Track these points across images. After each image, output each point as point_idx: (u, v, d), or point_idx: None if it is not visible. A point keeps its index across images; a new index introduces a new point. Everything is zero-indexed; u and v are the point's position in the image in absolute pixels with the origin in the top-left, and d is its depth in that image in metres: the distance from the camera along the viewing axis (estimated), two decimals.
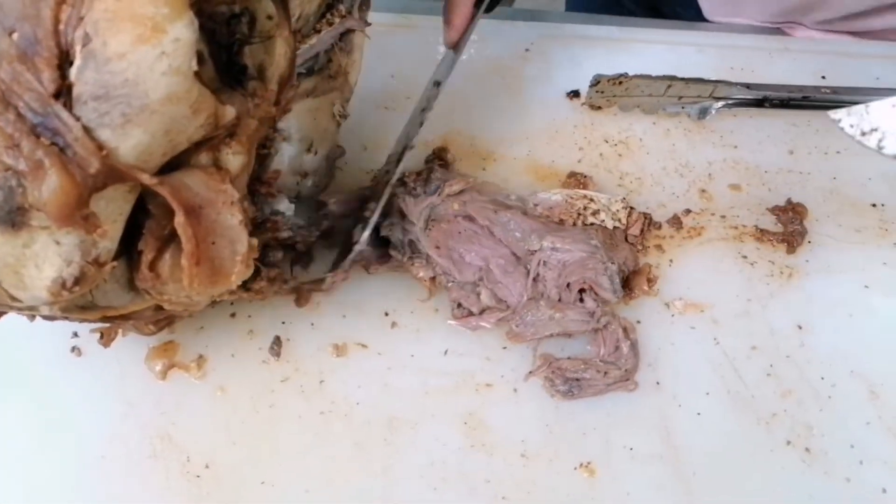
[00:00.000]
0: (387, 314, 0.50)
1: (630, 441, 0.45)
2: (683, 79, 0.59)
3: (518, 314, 0.48)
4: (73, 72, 0.28)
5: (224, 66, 0.35)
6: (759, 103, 0.60)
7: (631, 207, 0.54)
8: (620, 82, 0.59)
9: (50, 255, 0.31)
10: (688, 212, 0.55)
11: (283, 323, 0.49)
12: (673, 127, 0.60)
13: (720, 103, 0.60)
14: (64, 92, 0.28)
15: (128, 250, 0.36)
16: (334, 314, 0.50)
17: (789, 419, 0.46)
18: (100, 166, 0.29)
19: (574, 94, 0.62)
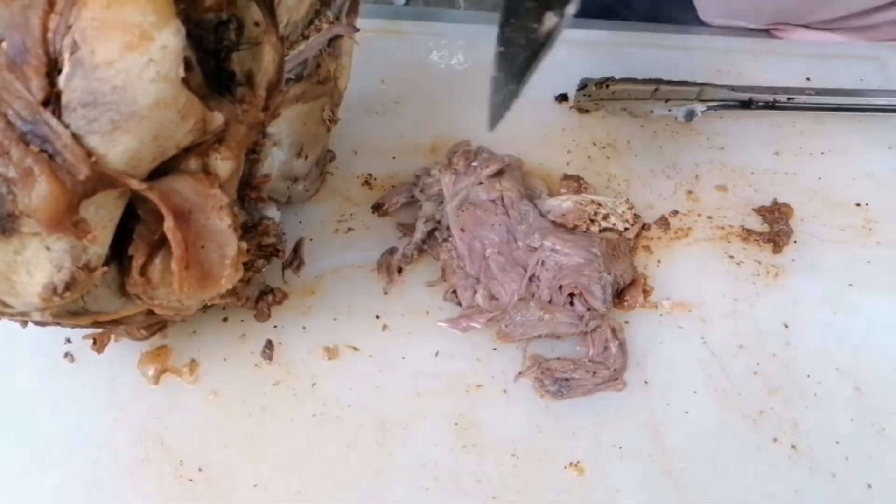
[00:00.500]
0: (378, 317, 0.50)
1: (619, 440, 0.46)
2: (669, 82, 0.59)
3: (508, 314, 0.49)
4: (61, 79, 0.28)
5: (212, 73, 0.36)
6: (745, 105, 0.60)
7: (635, 214, 0.54)
8: (607, 86, 0.60)
9: (41, 261, 0.32)
10: (675, 213, 0.56)
11: (275, 327, 0.50)
12: (660, 129, 0.61)
13: (706, 105, 0.60)
14: (53, 99, 0.29)
15: (118, 255, 0.36)
16: (325, 318, 0.50)
17: (776, 416, 0.47)
18: (89, 172, 0.29)
19: (562, 98, 0.62)
